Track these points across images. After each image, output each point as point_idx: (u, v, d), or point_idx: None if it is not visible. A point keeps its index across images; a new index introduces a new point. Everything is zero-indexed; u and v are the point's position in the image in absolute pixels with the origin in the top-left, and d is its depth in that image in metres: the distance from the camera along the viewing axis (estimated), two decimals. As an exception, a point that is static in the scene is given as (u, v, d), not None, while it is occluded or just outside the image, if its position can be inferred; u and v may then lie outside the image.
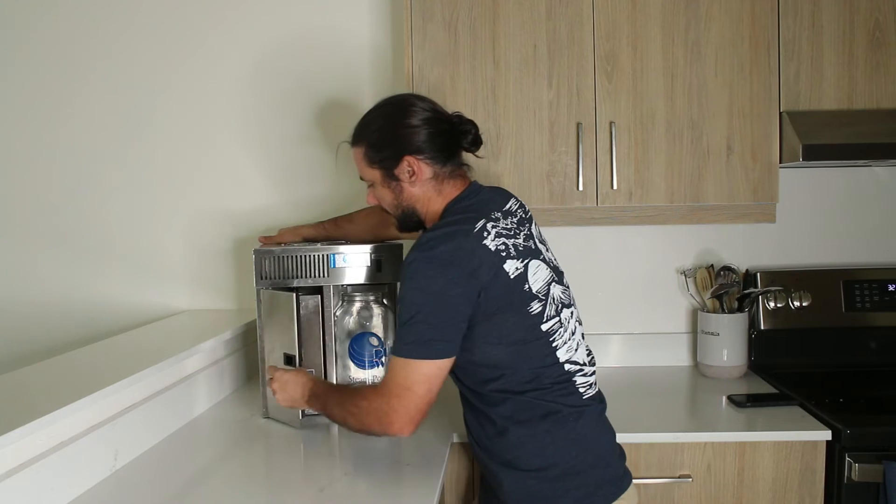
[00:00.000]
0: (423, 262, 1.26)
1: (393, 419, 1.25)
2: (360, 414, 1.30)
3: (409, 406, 1.24)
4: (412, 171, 1.36)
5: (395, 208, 1.43)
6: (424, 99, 1.41)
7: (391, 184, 1.39)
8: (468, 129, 1.39)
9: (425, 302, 1.24)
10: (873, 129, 1.76)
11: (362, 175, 1.44)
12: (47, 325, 2.18)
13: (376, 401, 1.27)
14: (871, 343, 2.02)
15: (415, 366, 1.24)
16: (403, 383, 1.25)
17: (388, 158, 1.37)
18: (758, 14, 1.76)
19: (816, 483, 1.57)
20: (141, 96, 2.14)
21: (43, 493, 1.15)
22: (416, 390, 1.24)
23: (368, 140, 1.40)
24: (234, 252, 2.16)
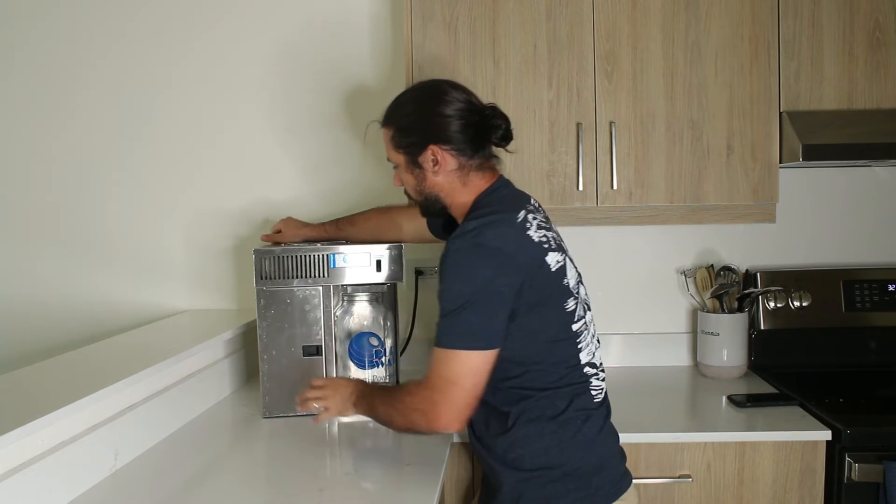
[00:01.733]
0: (469, 251, 1.22)
1: (439, 414, 1.21)
2: (406, 410, 1.26)
3: (455, 400, 1.20)
4: (436, 160, 1.34)
5: (418, 194, 1.41)
6: (459, 88, 1.38)
7: (414, 170, 1.38)
8: (499, 124, 1.37)
9: (472, 291, 1.20)
10: (873, 129, 1.76)
11: (389, 157, 1.43)
12: (47, 325, 2.18)
13: (421, 395, 1.23)
14: (871, 343, 2.02)
15: (462, 357, 1.20)
16: (449, 376, 1.21)
17: (413, 144, 1.36)
18: (758, 14, 1.76)
19: (816, 483, 1.57)
20: (141, 96, 2.14)
21: (43, 493, 1.15)
22: (463, 383, 1.20)
23: (397, 123, 1.38)
24: (234, 252, 2.16)
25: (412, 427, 1.27)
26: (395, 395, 1.31)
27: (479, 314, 1.20)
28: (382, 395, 1.35)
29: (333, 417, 1.42)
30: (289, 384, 1.66)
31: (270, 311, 1.66)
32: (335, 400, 1.41)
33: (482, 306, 1.20)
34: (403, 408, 1.27)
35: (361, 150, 2.12)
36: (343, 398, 1.40)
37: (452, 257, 1.23)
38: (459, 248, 1.23)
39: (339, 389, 1.41)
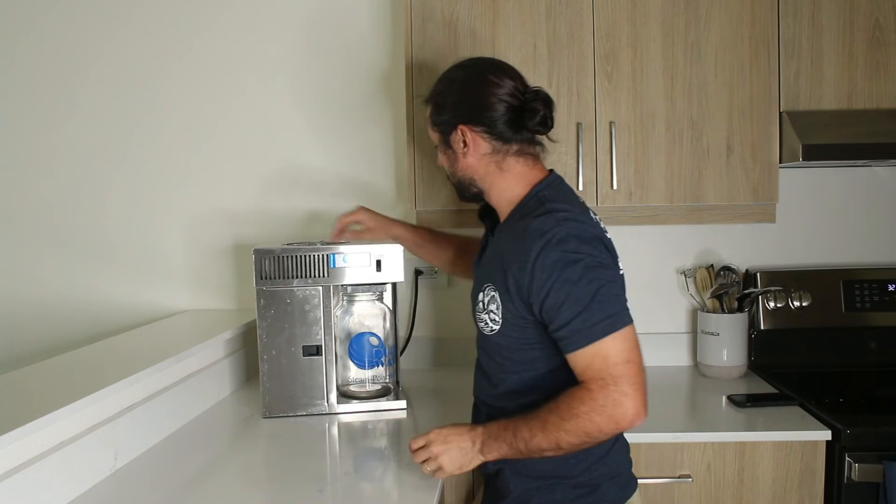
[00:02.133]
0: (579, 241, 1.16)
1: (628, 404, 1.12)
2: (583, 422, 1.13)
3: (637, 380, 1.13)
4: (465, 141, 1.29)
5: (452, 176, 1.38)
6: (505, 69, 1.31)
7: (447, 150, 1.34)
8: (536, 109, 1.27)
9: (602, 275, 1.15)
10: (873, 129, 1.76)
11: (430, 136, 1.40)
12: (47, 325, 2.18)
13: (600, 395, 1.12)
14: (871, 343, 2.02)
15: (625, 335, 1.14)
16: (623, 359, 1.13)
17: (445, 123, 1.32)
18: (758, 14, 1.76)
19: (816, 483, 1.57)
20: (140, 95, 2.14)
21: (43, 493, 1.15)
22: (636, 359, 1.14)
23: (435, 100, 1.35)
24: (234, 252, 2.16)
25: (593, 438, 1.15)
26: (557, 413, 1.16)
27: (616, 293, 1.17)
28: (529, 425, 1.17)
29: (454, 475, 1.25)
30: (289, 384, 1.66)
31: (270, 311, 1.66)
32: (449, 456, 1.23)
33: (615, 286, 1.17)
34: (578, 420, 1.13)
35: (361, 149, 2.12)
36: (461, 450, 1.23)
37: (561, 249, 1.15)
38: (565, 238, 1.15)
39: (452, 442, 1.23)
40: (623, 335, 1.14)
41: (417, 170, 1.81)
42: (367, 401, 1.72)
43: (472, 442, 1.23)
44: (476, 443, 1.22)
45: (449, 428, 1.26)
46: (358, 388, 1.75)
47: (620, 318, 1.15)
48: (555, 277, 1.15)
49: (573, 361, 1.17)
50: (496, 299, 1.25)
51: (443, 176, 1.78)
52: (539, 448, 1.17)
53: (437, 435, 1.24)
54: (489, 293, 1.27)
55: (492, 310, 1.26)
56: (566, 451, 1.16)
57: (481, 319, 1.30)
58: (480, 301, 1.30)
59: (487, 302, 1.27)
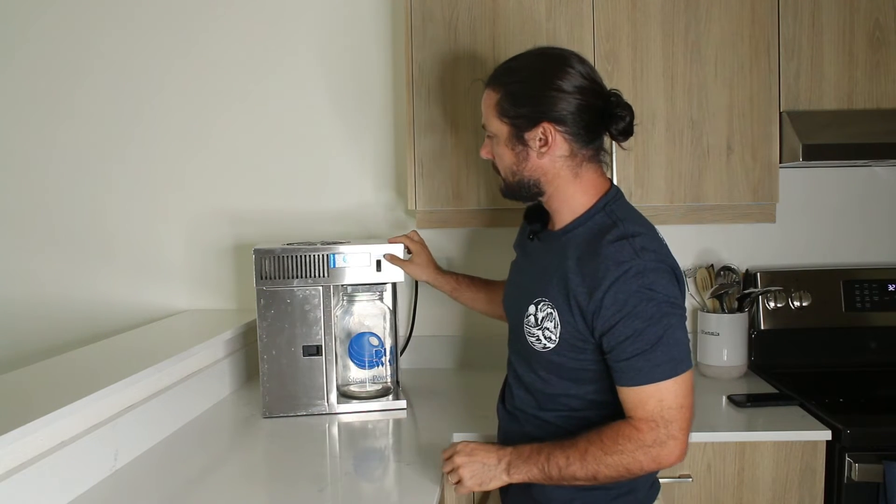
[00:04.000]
0: (657, 275, 1.12)
1: (673, 447, 1.11)
2: (626, 458, 1.12)
3: (687, 426, 1.13)
4: (545, 140, 1.19)
5: (512, 174, 1.26)
6: (585, 63, 1.22)
7: (516, 146, 1.23)
8: (622, 115, 1.20)
9: (672, 313, 1.12)
10: (873, 129, 1.76)
11: (486, 124, 1.27)
12: (47, 325, 2.18)
13: (649, 435, 1.11)
14: (871, 343, 2.02)
15: (683, 381, 1.12)
16: (677, 404, 1.12)
17: (523, 117, 1.20)
18: (758, 14, 1.76)
19: (816, 483, 1.57)
20: (140, 95, 2.14)
21: (43, 493, 1.15)
22: (689, 405, 1.13)
23: (509, 88, 1.22)
24: (234, 252, 2.16)
25: (631, 474, 1.13)
26: (598, 445, 1.13)
27: (682, 331, 1.14)
28: (566, 453, 1.15)
29: (476, 491, 1.21)
30: (289, 384, 1.66)
31: (270, 311, 1.66)
32: (470, 470, 1.20)
33: (681, 325, 1.14)
34: (622, 457, 1.12)
35: (362, 149, 2.12)
36: (485, 466, 1.20)
37: (640, 279, 1.11)
38: (643, 270, 1.11)
39: (476, 456, 1.21)
40: (682, 380, 1.13)
41: (417, 170, 1.81)
42: (367, 401, 1.72)
43: (498, 460, 1.19)
44: (502, 461, 1.19)
45: (477, 443, 1.23)
46: (358, 388, 1.75)
47: (683, 364, 1.13)
48: (625, 313, 1.11)
49: (625, 395, 1.15)
50: (554, 317, 1.20)
51: (442, 176, 1.79)
52: (573, 476, 1.14)
53: (463, 446, 1.22)
54: (545, 309, 1.21)
55: (548, 327, 1.21)
56: (600, 482, 1.15)
57: (533, 335, 1.24)
58: (532, 315, 1.24)
59: (542, 318, 1.22)
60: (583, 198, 1.23)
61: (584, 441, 1.15)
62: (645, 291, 1.11)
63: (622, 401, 1.16)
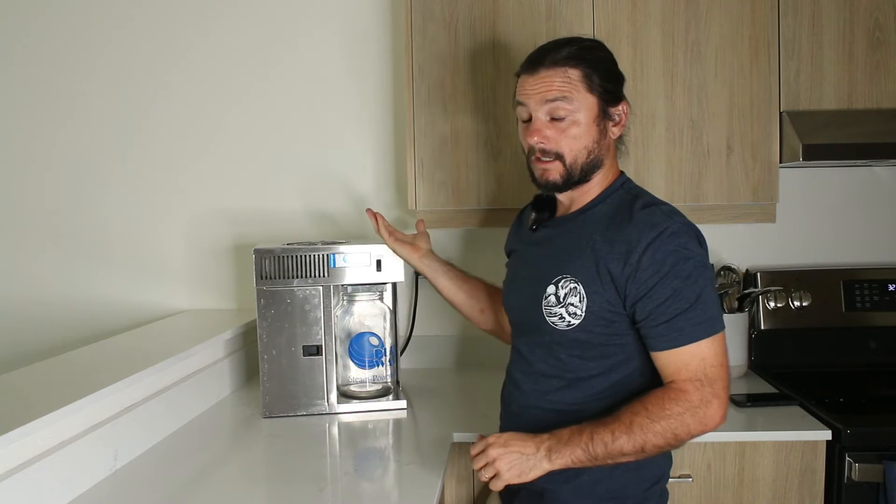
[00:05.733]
0: (689, 237, 1.17)
1: (718, 407, 1.13)
2: (674, 423, 1.12)
3: (727, 384, 1.15)
4: (621, 118, 1.26)
5: (588, 153, 1.24)
6: None
7: (602, 122, 1.24)
8: None
9: (705, 275, 1.16)
10: (873, 129, 1.76)
11: (563, 100, 1.21)
12: (47, 325, 2.18)
13: (696, 395, 1.12)
14: (871, 343, 2.02)
15: (720, 339, 1.15)
16: (718, 362, 1.14)
17: (612, 92, 1.25)
18: (758, 14, 1.76)
19: (816, 483, 1.57)
20: (140, 95, 2.14)
21: (43, 493, 1.15)
22: (726, 363, 1.16)
23: (597, 66, 1.24)
24: (234, 252, 2.16)
25: (679, 441, 1.14)
26: (644, 414, 1.13)
27: (714, 290, 1.18)
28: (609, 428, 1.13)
29: (514, 482, 1.16)
30: (289, 384, 1.66)
31: (270, 310, 1.66)
32: (507, 461, 1.15)
33: (713, 288, 1.18)
34: (670, 422, 1.12)
35: (362, 149, 2.12)
36: (523, 456, 1.15)
37: (675, 242, 1.15)
38: (678, 232, 1.16)
39: (512, 447, 1.16)
40: (720, 337, 1.15)
41: (417, 170, 1.81)
42: (367, 401, 1.72)
43: (536, 447, 1.15)
44: (541, 448, 1.15)
45: (511, 433, 1.19)
46: (358, 388, 1.75)
47: (719, 321, 1.16)
48: (664, 272, 1.14)
49: (666, 360, 1.16)
50: (579, 291, 1.20)
51: (442, 176, 1.79)
52: (620, 452, 1.13)
53: (496, 438, 1.18)
54: (567, 285, 1.21)
55: (572, 303, 1.21)
56: (648, 454, 1.14)
57: (555, 314, 1.23)
58: (552, 294, 1.23)
59: (565, 295, 1.21)
60: (606, 179, 1.29)
61: (627, 413, 1.14)
62: (681, 251, 1.14)
63: (662, 367, 1.17)
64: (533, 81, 1.24)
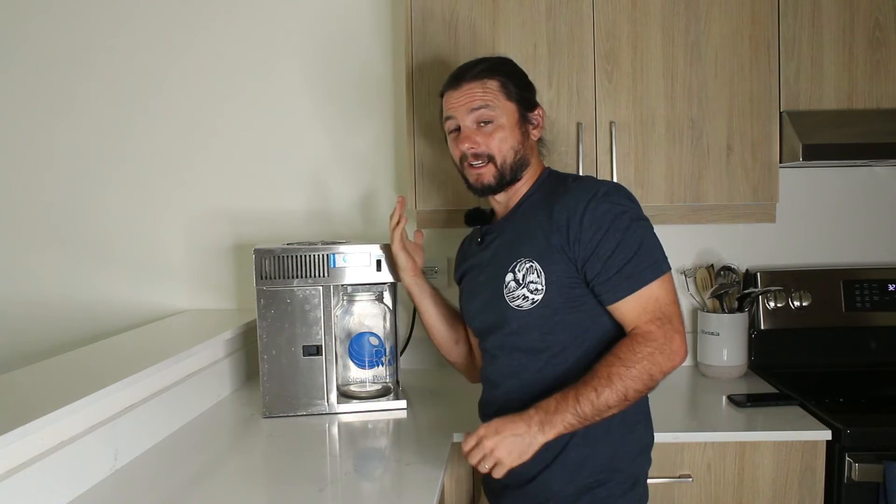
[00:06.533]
0: (621, 195, 1.26)
1: (680, 342, 1.21)
2: (647, 363, 1.18)
3: (682, 320, 1.23)
4: (538, 121, 1.40)
5: (515, 153, 1.35)
6: None
7: (523, 126, 1.38)
8: None
9: (643, 225, 1.25)
10: (873, 129, 1.76)
11: (484, 112, 1.34)
12: (47, 325, 2.18)
13: (659, 333, 1.20)
14: (871, 343, 2.02)
15: (668, 279, 1.24)
16: (671, 299, 1.23)
17: (528, 99, 1.39)
18: (758, 14, 1.76)
19: (816, 483, 1.57)
20: (140, 94, 2.14)
21: (43, 493, 1.15)
22: (677, 300, 1.24)
23: (511, 77, 1.38)
24: (234, 252, 2.16)
25: (654, 381, 1.20)
26: (619, 363, 1.18)
27: (654, 235, 1.26)
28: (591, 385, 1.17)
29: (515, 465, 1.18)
30: (289, 384, 1.66)
31: (270, 310, 1.66)
32: (505, 447, 1.17)
33: (651, 229, 1.26)
34: (644, 363, 1.18)
35: (362, 149, 2.12)
36: (517, 438, 1.17)
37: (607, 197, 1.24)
38: (609, 191, 1.25)
39: (504, 432, 1.17)
40: (668, 278, 1.24)
41: (417, 170, 1.81)
42: (367, 401, 1.72)
43: (528, 425, 1.17)
44: (531, 425, 1.17)
45: (498, 419, 1.20)
46: (358, 388, 1.75)
47: (665, 262, 1.25)
48: (605, 227, 1.22)
49: (624, 308, 1.23)
50: (535, 268, 1.27)
51: (442, 176, 1.79)
52: (606, 405, 1.17)
53: (486, 429, 1.19)
54: (524, 265, 1.29)
55: (531, 280, 1.27)
56: (631, 401, 1.19)
57: (517, 297, 1.29)
58: (512, 280, 1.30)
59: (524, 275, 1.28)
60: (534, 175, 1.40)
61: (603, 367, 1.19)
62: (616, 206, 1.23)
63: (622, 317, 1.24)
64: (457, 95, 1.36)
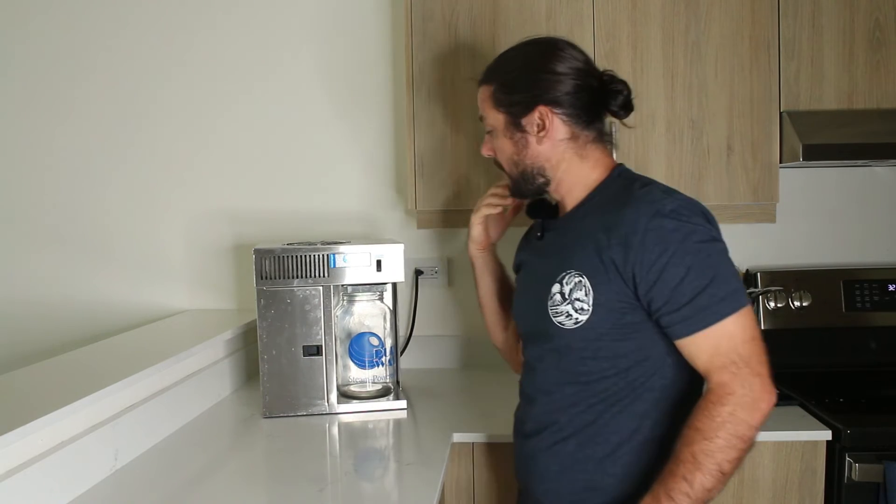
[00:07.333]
0: (692, 212, 1.08)
1: (761, 386, 1.02)
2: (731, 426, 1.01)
3: (764, 359, 1.04)
4: (542, 124, 1.19)
5: (514, 165, 1.24)
6: (575, 46, 1.22)
7: (514, 135, 1.22)
8: (619, 90, 1.20)
9: (717, 248, 1.07)
10: (873, 129, 1.76)
11: (484, 119, 1.27)
12: (47, 325, 2.18)
13: (736, 383, 1.02)
14: (871, 343, 2.02)
15: (747, 313, 1.05)
16: (749, 336, 1.04)
17: (518, 104, 1.20)
18: (758, 14, 1.76)
19: (816, 483, 1.57)
20: (140, 94, 2.14)
21: (43, 493, 1.15)
22: (759, 336, 1.05)
23: (502, 79, 1.23)
24: (234, 252, 2.16)
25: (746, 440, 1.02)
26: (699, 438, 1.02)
27: (731, 264, 1.08)
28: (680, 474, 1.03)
29: None
30: (289, 384, 1.66)
31: (270, 310, 1.66)
32: None
33: (725, 254, 1.08)
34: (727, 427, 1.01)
35: (361, 149, 2.12)
36: None
37: (671, 220, 1.06)
38: (676, 209, 1.06)
39: None
40: (747, 312, 1.06)
41: (417, 170, 1.81)
42: (368, 401, 1.72)
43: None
44: None
45: None
46: (358, 388, 1.75)
47: (744, 295, 1.07)
48: (672, 250, 1.05)
49: (694, 346, 1.06)
50: (584, 285, 1.12)
51: (443, 176, 1.79)
52: (703, 489, 1.02)
53: None
54: (572, 280, 1.14)
55: (578, 297, 1.13)
56: (729, 473, 1.03)
57: (560, 313, 1.16)
58: (557, 293, 1.16)
59: (570, 290, 1.14)
60: (594, 174, 1.22)
61: (684, 447, 1.04)
62: (685, 225, 1.06)
63: (692, 356, 1.07)
64: None
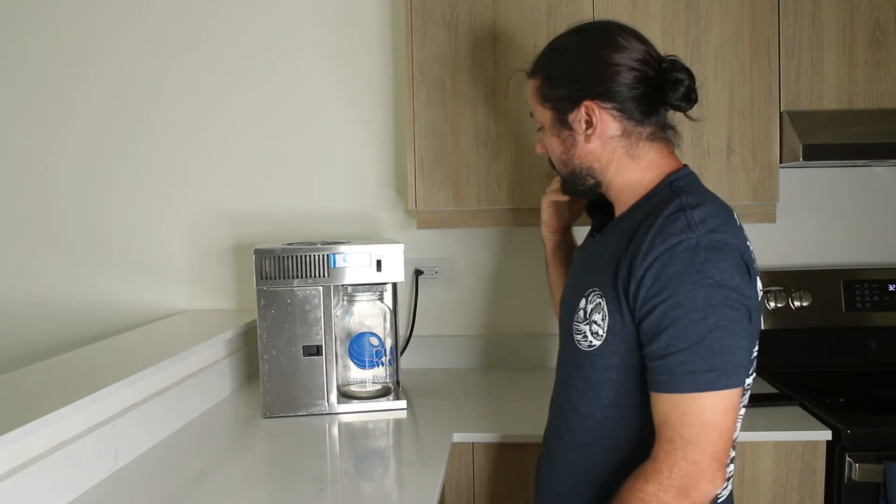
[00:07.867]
0: (717, 257, 0.93)
1: (698, 474, 0.92)
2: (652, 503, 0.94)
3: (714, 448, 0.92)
4: (590, 121, 1.07)
5: (563, 164, 1.14)
6: (631, 31, 1.10)
7: (561, 132, 1.11)
8: (680, 80, 1.06)
9: (729, 305, 0.92)
10: (873, 129, 1.76)
11: (533, 115, 1.18)
12: (47, 325, 2.18)
13: (665, 464, 0.93)
14: (871, 343, 2.02)
15: (720, 397, 0.92)
16: (701, 420, 0.92)
17: (563, 99, 1.09)
18: (758, 14, 1.76)
19: (816, 483, 1.57)
20: (140, 94, 2.14)
21: (43, 493, 1.15)
22: (720, 425, 0.93)
23: (547, 72, 1.12)
24: (234, 252, 2.16)
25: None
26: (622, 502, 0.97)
27: (736, 334, 0.93)
28: None
29: None
30: (289, 384, 1.66)
31: (270, 310, 1.66)
32: None
33: (738, 324, 0.93)
34: None
35: (362, 149, 2.12)
36: None
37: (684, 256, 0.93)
38: (696, 245, 0.93)
39: None
40: (724, 397, 0.92)
41: (417, 170, 1.81)
42: (368, 401, 1.72)
43: None
44: None
45: None
46: (358, 388, 1.75)
47: (731, 376, 0.93)
48: (666, 295, 0.94)
49: (652, 403, 0.98)
50: (602, 308, 1.04)
51: (442, 176, 1.79)
52: None
53: None
54: (594, 300, 1.06)
55: (595, 320, 1.06)
56: None
57: (580, 331, 1.09)
58: (582, 309, 1.09)
59: (591, 310, 1.06)
60: (645, 178, 1.08)
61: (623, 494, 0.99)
62: (693, 274, 0.92)
63: (652, 410, 0.98)
64: None
